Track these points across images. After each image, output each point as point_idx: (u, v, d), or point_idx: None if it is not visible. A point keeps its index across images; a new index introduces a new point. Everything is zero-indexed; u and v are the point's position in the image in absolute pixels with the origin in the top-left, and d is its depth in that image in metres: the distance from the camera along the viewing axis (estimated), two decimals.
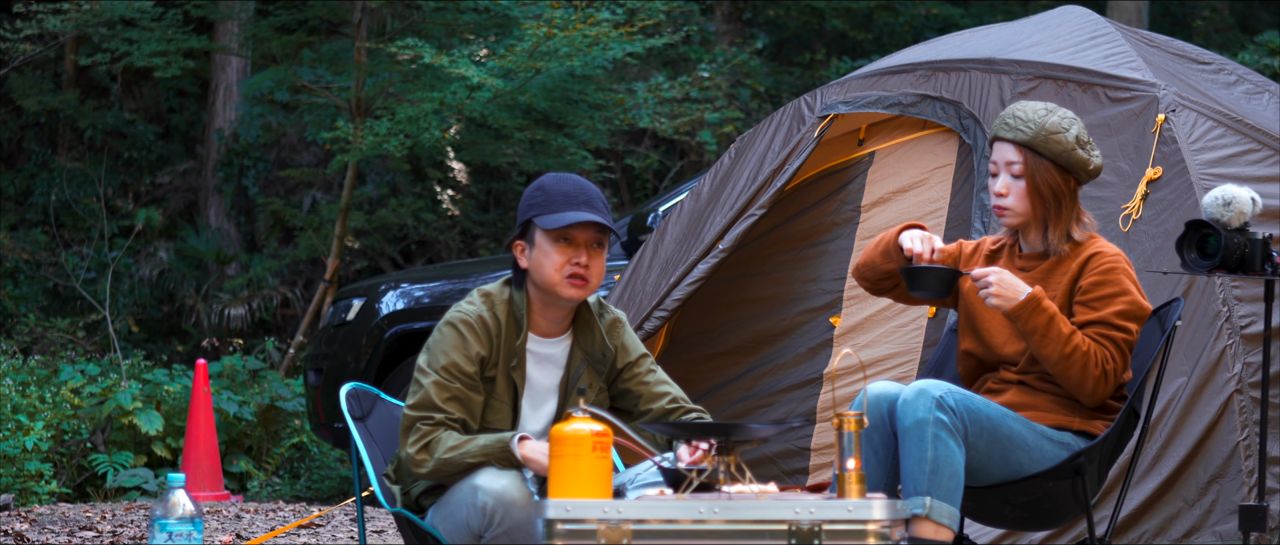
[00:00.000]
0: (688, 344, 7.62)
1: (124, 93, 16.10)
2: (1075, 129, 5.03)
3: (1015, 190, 5.03)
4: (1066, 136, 5.01)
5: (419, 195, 15.26)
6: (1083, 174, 5.05)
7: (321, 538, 8.06)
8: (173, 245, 15.24)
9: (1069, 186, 5.03)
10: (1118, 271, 4.98)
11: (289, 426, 11.60)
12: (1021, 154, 5.02)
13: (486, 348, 4.77)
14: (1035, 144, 5.00)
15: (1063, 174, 5.02)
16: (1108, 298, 4.95)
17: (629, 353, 4.93)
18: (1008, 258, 5.14)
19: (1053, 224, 5.04)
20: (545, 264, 4.77)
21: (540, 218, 4.77)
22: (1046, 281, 5.02)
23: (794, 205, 7.57)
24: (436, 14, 13.21)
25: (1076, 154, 5.01)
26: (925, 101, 6.94)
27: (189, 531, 4.51)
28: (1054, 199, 5.02)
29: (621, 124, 13.95)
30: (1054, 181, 5.01)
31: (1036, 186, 5.01)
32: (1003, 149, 5.06)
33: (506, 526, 4.57)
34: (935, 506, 4.63)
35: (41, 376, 11.31)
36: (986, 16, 16.45)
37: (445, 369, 4.74)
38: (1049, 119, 5.02)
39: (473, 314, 4.79)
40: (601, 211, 4.78)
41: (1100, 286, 4.97)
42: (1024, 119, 5.03)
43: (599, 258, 4.81)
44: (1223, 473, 5.97)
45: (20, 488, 9.62)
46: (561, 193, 4.79)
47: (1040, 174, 5.01)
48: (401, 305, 9.49)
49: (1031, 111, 5.04)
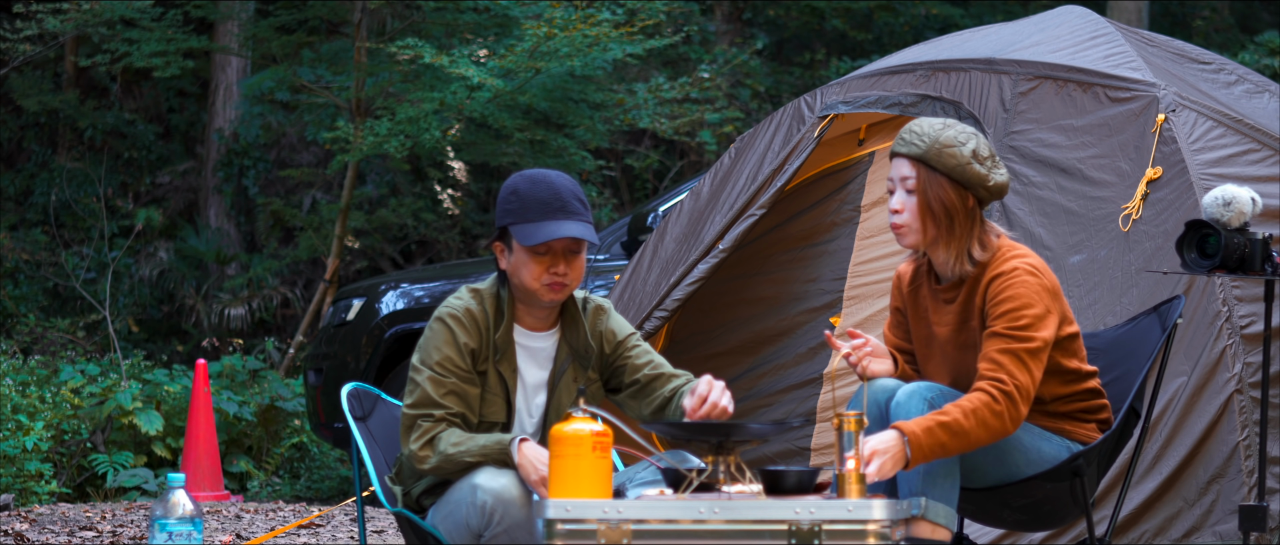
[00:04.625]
0: (688, 344, 7.62)
1: (124, 93, 16.10)
2: (973, 143, 4.83)
3: (909, 207, 4.84)
4: (962, 151, 4.80)
5: (419, 195, 15.26)
6: (980, 190, 4.83)
7: (321, 538, 8.06)
8: (173, 245, 15.24)
9: (966, 204, 4.82)
10: (1015, 284, 4.76)
11: (289, 426, 11.60)
12: (915, 168, 4.83)
13: (476, 340, 4.78)
14: (928, 158, 4.80)
15: (959, 190, 4.82)
16: (1005, 315, 4.75)
17: (615, 336, 4.92)
18: (929, 292, 4.97)
19: (946, 243, 4.84)
20: (523, 272, 4.76)
21: (516, 228, 4.72)
22: (966, 310, 4.87)
23: (794, 205, 7.57)
24: (436, 14, 13.22)
25: (972, 168, 4.80)
26: (925, 101, 6.94)
27: (189, 531, 4.51)
28: (947, 216, 4.81)
29: (621, 124, 13.96)
30: (947, 198, 4.80)
31: (928, 203, 4.81)
32: (899, 164, 4.87)
33: (506, 525, 4.57)
34: (931, 506, 4.63)
35: (41, 376, 11.32)
36: (986, 16, 16.45)
37: (439, 364, 4.75)
38: (945, 133, 4.83)
39: (460, 308, 4.80)
40: (580, 214, 4.73)
41: (998, 304, 4.78)
42: (919, 133, 4.84)
43: (577, 261, 4.78)
44: (1223, 473, 5.97)
45: (20, 488, 9.62)
46: (537, 200, 4.72)
47: (932, 190, 4.80)
48: (401, 305, 9.49)
49: (928, 126, 4.85)
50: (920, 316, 5.00)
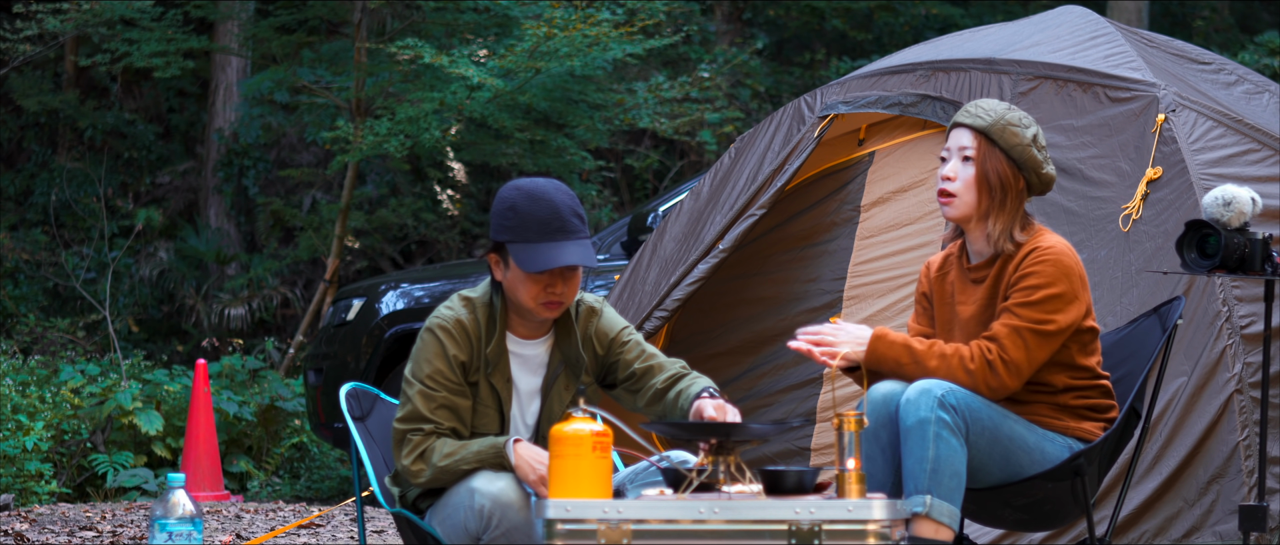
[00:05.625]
0: (688, 344, 7.62)
1: (124, 93, 16.10)
2: (1035, 130, 4.96)
3: (963, 176, 4.94)
4: (1025, 133, 4.93)
5: (419, 195, 15.26)
6: (1033, 176, 4.94)
7: (321, 538, 8.05)
8: (173, 245, 15.24)
9: (1018, 185, 4.94)
10: (1047, 262, 4.86)
11: (289, 426, 11.60)
12: (976, 140, 4.94)
13: (466, 353, 4.74)
14: (992, 132, 4.92)
15: (1014, 169, 4.93)
16: (1024, 288, 4.85)
17: (608, 335, 4.90)
18: (959, 273, 5.03)
19: (995, 217, 4.92)
20: (520, 290, 4.72)
21: (514, 248, 4.67)
22: (996, 287, 4.92)
23: (794, 205, 7.57)
24: (436, 14, 13.21)
25: (1031, 152, 4.93)
26: (925, 101, 6.94)
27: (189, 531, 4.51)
28: (1001, 190, 4.92)
29: (621, 124, 13.95)
30: (1004, 172, 4.91)
31: (985, 173, 4.91)
32: (959, 135, 4.98)
33: (504, 528, 4.56)
34: (935, 505, 4.63)
35: (41, 376, 11.32)
36: (986, 16, 16.45)
37: (429, 377, 4.73)
38: (1011, 114, 4.96)
39: (450, 319, 4.76)
40: (578, 232, 4.68)
41: (1023, 277, 4.87)
42: (986, 109, 4.96)
43: (575, 279, 4.74)
44: (1223, 473, 5.97)
45: (20, 488, 9.62)
46: (536, 220, 4.66)
47: (991, 162, 4.92)
48: (401, 305, 9.49)
49: (994, 104, 4.98)
50: (945, 300, 5.06)
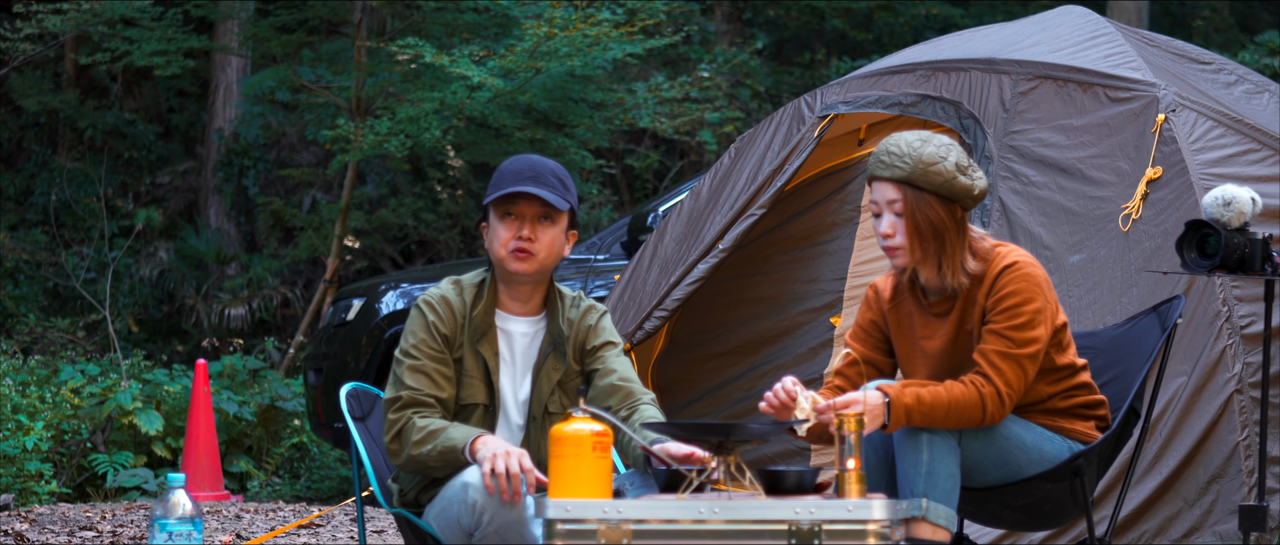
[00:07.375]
0: (688, 344, 7.62)
1: (124, 93, 16.10)
2: (953, 156, 4.79)
3: (901, 230, 4.79)
4: (945, 166, 4.76)
5: (419, 195, 15.26)
6: (967, 200, 4.80)
7: (321, 538, 8.06)
8: (173, 245, 15.24)
9: (955, 217, 4.79)
10: (1020, 279, 4.77)
11: (289, 426, 11.60)
12: (900, 191, 4.78)
13: (450, 326, 4.83)
14: (914, 178, 4.76)
15: (947, 205, 4.78)
16: (1005, 311, 4.76)
17: (596, 336, 4.93)
18: (915, 306, 4.92)
19: (944, 260, 4.80)
20: (494, 241, 4.85)
21: (490, 198, 4.84)
22: (964, 318, 4.85)
23: (794, 205, 7.57)
24: (436, 14, 13.22)
25: (958, 182, 4.76)
26: (925, 101, 6.94)
27: (189, 531, 4.52)
28: (936, 235, 4.77)
29: (621, 124, 13.95)
30: (936, 216, 4.76)
31: (917, 225, 4.77)
32: (882, 188, 4.81)
33: (496, 524, 4.57)
34: (932, 507, 4.62)
35: (41, 376, 11.32)
36: (986, 16, 16.45)
37: (414, 348, 4.82)
38: (925, 150, 4.77)
39: (436, 295, 4.88)
40: (549, 186, 4.79)
41: (1000, 301, 4.78)
42: (899, 153, 4.78)
43: (547, 231, 4.82)
44: (1223, 473, 5.97)
45: (20, 488, 9.62)
46: (511, 172, 4.83)
47: (921, 211, 4.76)
48: (401, 305, 9.49)
49: (905, 145, 4.79)
50: (904, 332, 4.96)
